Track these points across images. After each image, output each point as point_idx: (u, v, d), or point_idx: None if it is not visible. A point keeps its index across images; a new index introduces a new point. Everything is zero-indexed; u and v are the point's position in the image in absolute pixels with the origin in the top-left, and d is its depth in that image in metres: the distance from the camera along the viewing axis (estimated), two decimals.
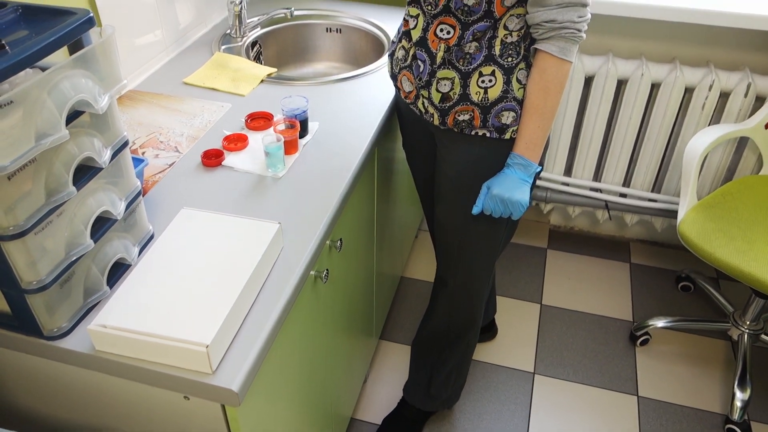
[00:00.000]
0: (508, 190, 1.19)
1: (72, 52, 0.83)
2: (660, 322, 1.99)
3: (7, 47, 0.75)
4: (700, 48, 1.93)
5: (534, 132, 1.17)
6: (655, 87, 1.94)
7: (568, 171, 2.21)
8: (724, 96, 1.91)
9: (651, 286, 2.24)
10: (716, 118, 1.96)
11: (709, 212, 1.76)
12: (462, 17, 1.13)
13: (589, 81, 1.98)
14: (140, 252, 1.01)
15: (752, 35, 1.86)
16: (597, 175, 2.19)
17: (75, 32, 0.80)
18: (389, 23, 1.81)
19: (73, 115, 0.82)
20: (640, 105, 1.95)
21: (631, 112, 1.97)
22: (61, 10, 0.84)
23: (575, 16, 1.07)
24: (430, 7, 1.17)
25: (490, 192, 1.22)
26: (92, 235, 0.87)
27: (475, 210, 1.25)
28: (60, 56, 0.83)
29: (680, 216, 1.76)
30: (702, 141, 1.78)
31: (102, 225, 0.91)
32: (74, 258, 0.84)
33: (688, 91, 1.93)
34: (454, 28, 1.15)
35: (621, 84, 1.98)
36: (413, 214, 2.20)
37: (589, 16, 1.09)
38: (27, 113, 0.73)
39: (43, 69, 0.82)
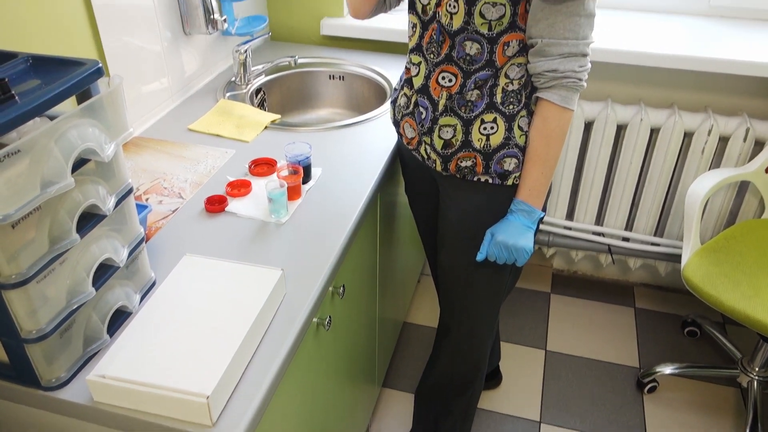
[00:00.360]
0: (512, 237, 1.19)
1: (80, 100, 0.84)
2: (667, 369, 1.96)
3: (16, 97, 0.76)
4: (698, 93, 1.95)
5: (537, 179, 1.17)
6: (654, 132, 1.96)
7: (570, 215, 2.21)
8: (723, 140, 1.93)
9: (657, 331, 2.21)
10: (716, 162, 1.97)
11: (712, 256, 1.75)
12: (464, 66, 1.15)
13: (589, 126, 2.00)
14: (142, 299, 1.00)
15: (749, 81, 1.89)
16: (599, 219, 2.19)
17: (84, 82, 0.81)
18: (391, 71, 1.84)
19: (79, 163, 0.82)
20: (640, 149, 1.96)
21: (631, 157, 1.99)
22: (71, 61, 0.86)
23: (576, 66, 1.09)
24: (432, 56, 1.19)
25: (495, 238, 1.21)
26: (94, 283, 0.87)
27: (480, 257, 1.25)
28: (68, 104, 0.84)
29: (684, 260, 1.75)
30: (703, 185, 1.79)
31: (104, 272, 0.90)
32: (75, 306, 0.84)
33: (688, 136, 1.95)
34: (456, 76, 1.16)
35: (621, 129, 2.00)
36: (415, 258, 2.19)
37: (590, 65, 1.11)
38: (34, 162, 0.73)
39: (51, 117, 0.83)
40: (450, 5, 1.11)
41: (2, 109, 0.73)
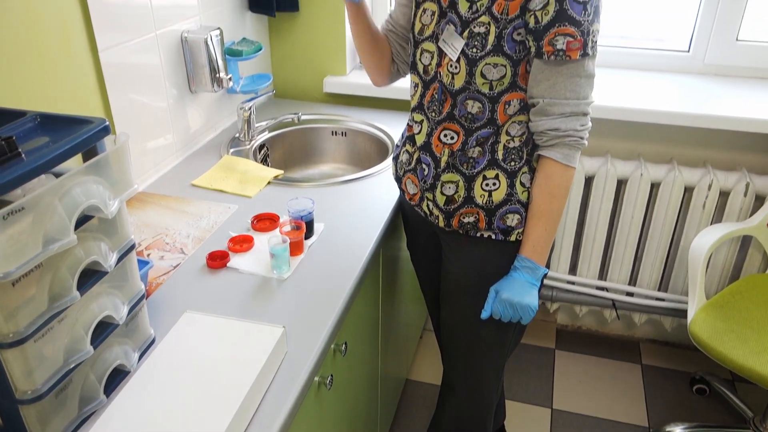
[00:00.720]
0: (517, 294, 1.18)
1: (86, 157, 0.85)
2: (678, 429, 1.91)
3: (23, 155, 0.76)
4: (696, 149, 1.97)
5: (541, 235, 1.17)
6: (654, 186, 1.97)
7: (572, 269, 2.20)
8: (724, 195, 1.93)
9: (665, 388, 2.16)
10: (718, 216, 1.98)
11: (719, 312, 1.73)
12: (466, 124, 1.16)
13: (589, 181, 2.01)
14: (140, 357, 0.98)
15: (746, 137, 1.92)
16: (602, 274, 2.18)
17: (90, 140, 0.82)
18: (393, 127, 1.87)
19: (82, 220, 0.82)
20: (641, 204, 1.97)
21: (632, 211, 1.99)
22: (79, 119, 0.87)
23: (578, 124, 1.10)
24: (434, 114, 1.20)
25: (499, 296, 1.20)
26: (92, 341, 0.85)
27: (484, 314, 1.23)
28: (74, 160, 0.84)
29: (690, 316, 1.73)
30: (706, 240, 1.78)
31: (103, 330, 0.89)
32: (72, 366, 0.82)
33: (688, 191, 1.95)
34: (458, 133, 1.18)
35: (621, 184, 2.01)
36: (418, 314, 2.16)
37: (590, 124, 1.13)
38: (37, 219, 0.73)
39: (56, 173, 0.84)
40: (451, 66, 1.13)
41: (8, 166, 0.73)
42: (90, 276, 0.86)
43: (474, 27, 1.10)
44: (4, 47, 1.12)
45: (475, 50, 1.10)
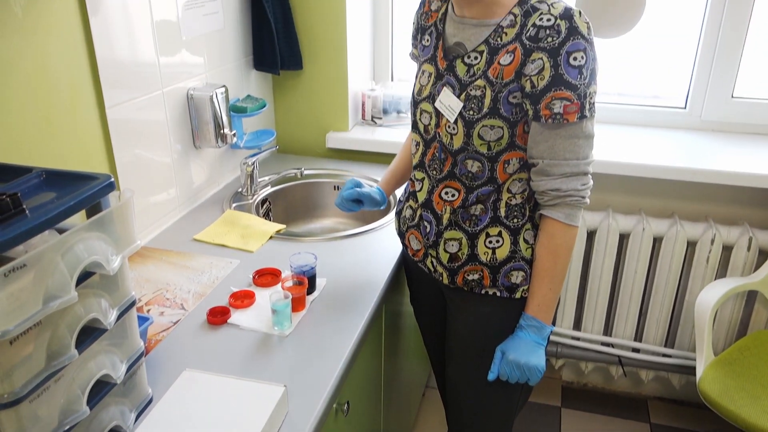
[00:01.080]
0: (524, 355, 1.16)
1: (90, 212, 0.85)
2: None
3: (27, 211, 0.76)
4: (698, 203, 1.98)
5: (546, 294, 1.16)
6: (657, 241, 1.97)
7: (577, 325, 2.17)
8: (727, 249, 1.93)
9: None
10: (722, 271, 1.96)
11: (728, 369, 1.70)
12: (466, 182, 1.17)
13: (591, 235, 2.01)
14: (137, 418, 0.95)
15: (747, 192, 1.92)
16: (607, 329, 2.15)
17: (95, 197, 0.82)
18: None
19: (83, 276, 0.81)
20: (644, 259, 1.96)
21: (636, 266, 1.98)
22: (84, 175, 0.87)
23: (579, 184, 1.11)
24: (435, 172, 1.21)
25: (506, 357, 1.18)
26: (89, 401, 0.83)
27: (491, 376, 1.20)
28: (77, 215, 0.84)
29: (699, 373, 1.70)
30: (711, 295, 1.77)
31: (99, 389, 0.87)
32: (68, 427, 0.79)
33: (691, 245, 1.95)
34: (458, 191, 1.18)
35: (623, 238, 2.01)
36: (421, 370, 2.12)
37: (591, 182, 1.13)
38: (38, 276, 0.72)
39: (60, 229, 0.83)
40: (449, 127, 1.15)
41: (12, 223, 0.73)
42: (89, 333, 0.84)
43: (471, 90, 1.11)
44: (14, 104, 1.13)
45: (471, 112, 1.11)
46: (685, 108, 2.05)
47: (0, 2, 1.08)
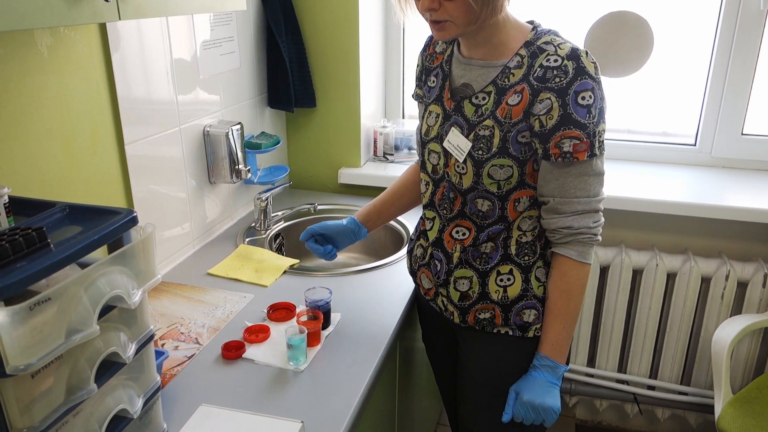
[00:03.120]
0: (539, 396, 1.14)
1: (111, 246, 0.86)
2: None
3: (51, 245, 0.77)
4: (711, 239, 1.98)
5: (559, 333, 1.15)
6: (671, 277, 1.96)
7: (591, 361, 2.14)
8: (742, 286, 1.91)
9: None
10: (737, 307, 1.94)
11: (747, 408, 1.67)
12: (477, 220, 1.17)
13: (604, 271, 2.00)
14: None
15: (760, 228, 1.92)
16: (622, 366, 2.12)
17: (117, 231, 0.83)
18: (409, 217, 1.88)
19: (104, 309, 0.82)
20: (658, 295, 1.95)
21: (650, 302, 1.96)
22: (106, 210, 0.89)
23: (590, 222, 1.11)
24: (445, 211, 1.21)
25: (520, 398, 1.16)
26: None
27: (505, 417, 1.19)
28: (99, 249, 0.85)
29: (717, 412, 1.67)
30: (726, 333, 1.75)
31: (116, 424, 0.86)
32: None
33: (705, 281, 1.94)
34: (469, 230, 1.18)
35: (636, 274, 2.00)
36: (433, 407, 2.09)
37: (603, 219, 1.13)
38: (62, 309, 0.73)
39: (81, 263, 0.84)
40: (458, 166, 1.15)
41: (38, 257, 0.74)
42: (107, 367, 0.84)
43: (479, 130, 1.12)
44: (39, 140, 1.16)
45: (480, 152, 1.11)
46: (695, 145, 2.07)
47: (27, 43, 1.11)
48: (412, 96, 1.36)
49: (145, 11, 0.91)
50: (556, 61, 1.04)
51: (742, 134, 2.00)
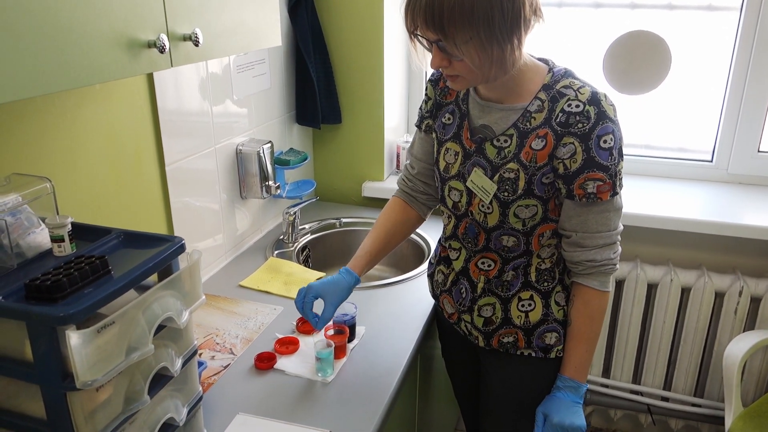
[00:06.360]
0: (567, 417, 1.18)
1: (161, 272, 0.95)
2: None
3: (112, 272, 0.87)
4: (725, 255, 2.02)
5: (582, 356, 1.21)
6: (685, 291, 2.00)
7: (606, 372, 2.20)
8: (756, 301, 1.95)
9: None
10: (750, 322, 1.99)
11: (757, 421, 1.71)
12: (503, 254, 1.22)
13: (620, 284, 2.06)
14: None
15: None
16: (636, 377, 2.17)
17: (168, 258, 0.92)
18: (429, 231, 1.95)
19: (156, 329, 0.91)
20: (672, 309, 2.00)
21: (664, 316, 2.01)
22: (156, 237, 0.98)
23: (611, 253, 1.16)
24: (470, 244, 1.26)
25: (550, 420, 1.20)
26: None
27: None
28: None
29: (727, 425, 1.72)
30: (739, 347, 1.79)
31: (164, 431, 0.95)
32: None
33: (719, 296, 1.98)
34: (495, 261, 1.23)
35: (651, 288, 2.05)
36: (451, 412, 2.16)
37: (620, 248, 1.18)
38: (123, 330, 0.82)
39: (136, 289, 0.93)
40: (483, 206, 1.19)
41: (101, 283, 0.84)
42: (157, 380, 0.93)
43: (504, 173, 1.15)
44: (90, 166, 1.26)
45: (506, 194, 1.15)
46: (711, 161, 2.11)
47: None
48: (418, 125, 1.35)
49: (193, 57, 1.00)
50: (578, 106, 1.08)
51: (759, 151, 2.03)
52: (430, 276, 1.42)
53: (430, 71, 1.34)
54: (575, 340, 1.21)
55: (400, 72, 2.22)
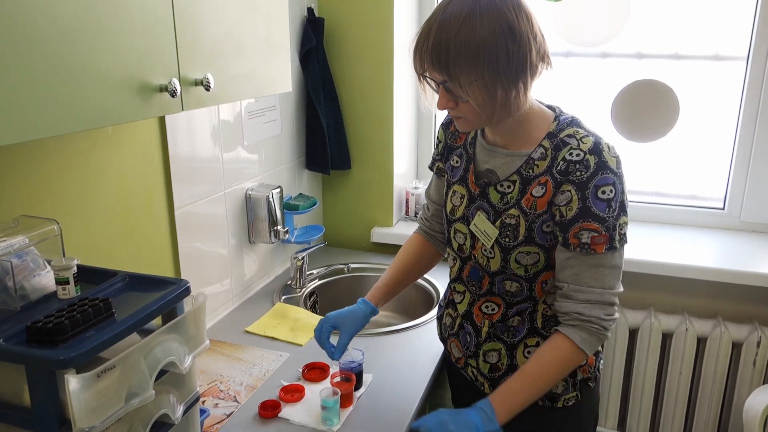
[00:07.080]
0: (457, 427, 1.09)
1: (165, 314, 0.94)
2: None
3: (115, 315, 0.86)
4: (741, 304, 1.97)
5: (516, 394, 1.12)
6: (701, 341, 1.95)
7: (621, 424, 2.13)
8: None
9: None
10: None
11: None
12: (507, 298, 1.20)
13: (633, 333, 2.01)
14: None
15: None
16: (653, 430, 2.10)
17: (173, 302, 0.91)
18: (438, 277, 1.93)
19: (158, 374, 0.89)
20: (688, 359, 1.94)
21: (680, 366, 1.96)
22: (162, 280, 0.97)
23: (602, 313, 1.11)
24: (474, 288, 1.25)
25: (440, 417, 1.12)
26: None
27: (414, 423, 1.15)
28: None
29: None
30: (759, 401, 1.74)
31: None
32: None
33: (736, 347, 1.93)
34: (499, 306, 1.22)
35: (666, 337, 2.00)
36: None
37: (617, 315, 1.13)
38: (123, 375, 0.80)
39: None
40: (485, 250, 1.18)
41: (104, 326, 0.82)
42: (158, 427, 0.91)
43: (505, 218, 1.14)
44: (100, 209, 1.26)
45: (507, 239, 1.15)
46: (723, 209, 2.09)
47: None
48: (431, 168, 1.37)
49: (204, 101, 1.01)
50: (578, 155, 1.07)
51: None
52: (439, 319, 1.40)
53: (440, 115, 1.36)
54: (520, 376, 1.13)
55: (409, 118, 2.24)
